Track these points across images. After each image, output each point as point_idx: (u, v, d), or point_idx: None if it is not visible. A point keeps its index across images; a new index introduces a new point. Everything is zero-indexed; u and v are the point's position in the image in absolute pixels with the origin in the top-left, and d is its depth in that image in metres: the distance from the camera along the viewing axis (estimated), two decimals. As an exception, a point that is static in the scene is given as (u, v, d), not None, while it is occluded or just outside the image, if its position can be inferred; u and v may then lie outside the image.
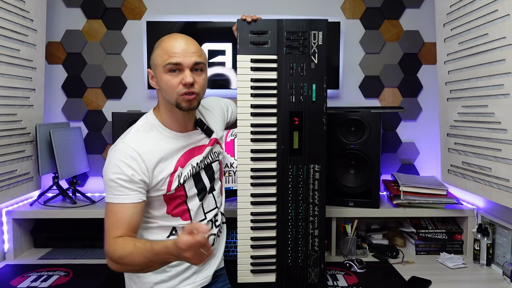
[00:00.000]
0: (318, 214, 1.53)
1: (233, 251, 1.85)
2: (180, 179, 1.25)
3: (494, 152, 1.61)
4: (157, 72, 1.23)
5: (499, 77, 1.56)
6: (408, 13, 2.31)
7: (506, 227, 1.74)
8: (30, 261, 1.85)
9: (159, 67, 1.21)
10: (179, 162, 1.25)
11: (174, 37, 1.24)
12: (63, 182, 2.10)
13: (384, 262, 1.86)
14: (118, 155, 1.19)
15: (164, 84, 1.21)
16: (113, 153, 1.20)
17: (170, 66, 1.19)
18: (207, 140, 1.36)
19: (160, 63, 1.21)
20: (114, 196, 1.18)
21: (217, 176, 1.40)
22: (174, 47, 1.20)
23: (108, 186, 1.18)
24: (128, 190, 1.17)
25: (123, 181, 1.17)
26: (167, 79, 1.20)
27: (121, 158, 1.18)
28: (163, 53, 1.20)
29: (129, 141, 1.21)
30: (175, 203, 1.26)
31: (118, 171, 1.17)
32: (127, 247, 1.12)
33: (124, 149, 1.19)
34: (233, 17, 1.61)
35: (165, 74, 1.20)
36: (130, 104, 2.27)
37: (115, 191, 1.17)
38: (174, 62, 1.19)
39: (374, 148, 1.93)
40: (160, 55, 1.21)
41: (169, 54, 1.19)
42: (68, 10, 2.24)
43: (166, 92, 1.22)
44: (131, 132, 1.25)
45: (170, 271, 1.28)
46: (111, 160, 1.19)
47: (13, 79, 1.82)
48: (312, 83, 1.49)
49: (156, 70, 1.23)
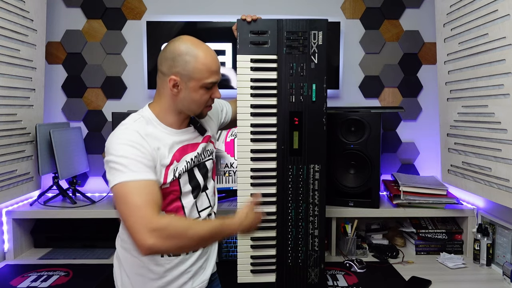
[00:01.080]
0: (318, 214, 1.53)
1: (233, 251, 1.85)
2: (175, 173, 1.24)
3: (494, 152, 1.61)
4: (190, 85, 1.19)
5: (499, 77, 1.56)
6: (408, 13, 2.31)
7: (506, 227, 1.74)
8: (30, 261, 1.85)
9: (197, 82, 1.19)
10: (174, 156, 1.24)
11: (208, 50, 1.21)
12: (63, 182, 2.10)
13: (384, 262, 1.86)
14: (125, 136, 1.14)
15: (197, 98, 1.21)
16: (118, 137, 1.15)
17: (211, 84, 1.21)
18: (200, 138, 1.35)
19: (200, 78, 1.18)
20: (133, 173, 1.09)
21: (210, 175, 1.39)
22: (214, 64, 1.20)
23: (121, 165, 1.09)
24: (145, 166, 1.12)
25: (139, 157, 1.11)
26: (201, 94, 1.21)
27: (130, 138, 1.14)
28: (205, 70, 1.18)
29: (130, 126, 1.18)
30: (169, 199, 1.25)
31: (130, 149, 1.11)
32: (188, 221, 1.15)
33: (128, 132, 1.16)
34: (233, 17, 1.61)
35: (201, 89, 1.20)
36: (130, 104, 2.27)
37: (133, 168, 1.09)
38: (214, 81, 1.21)
39: (374, 148, 1.93)
40: (201, 70, 1.18)
41: (211, 72, 1.19)
42: (68, 10, 2.24)
43: (194, 103, 1.22)
44: (127, 122, 1.22)
45: (168, 276, 1.27)
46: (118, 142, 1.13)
47: (13, 79, 1.82)
48: (312, 83, 1.49)
49: (189, 82, 1.19)
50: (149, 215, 1.05)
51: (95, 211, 1.92)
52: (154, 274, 1.24)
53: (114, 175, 1.10)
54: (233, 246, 1.86)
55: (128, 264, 1.26)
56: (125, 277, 1.27)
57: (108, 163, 1.13)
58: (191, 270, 1.30)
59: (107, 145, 1.16)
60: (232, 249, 1.86)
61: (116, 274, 1.31)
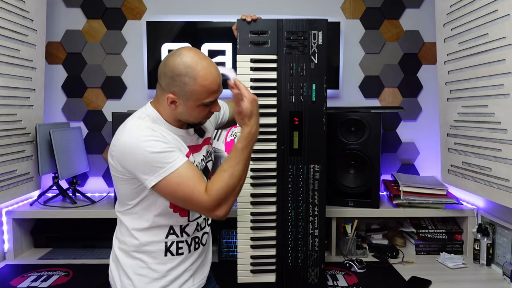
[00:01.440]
0: (318, 214, 1.53)
1: (233, 251, 1.85)
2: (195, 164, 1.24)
3: (494, 152, 1.61)
4: (188, 104, 1.18)
5: (499, 77, 1.56)
6: (408, 13, 2.31)
7: (506, 227, 1.74)
8: (30, 261, 1.85)
9: (194, 101, 1.17)
10: (190, 149, 1.26)
11: (209, 69, 1.16)
12: (63, 182, 2.10)
13: (384, 262, 1.86)
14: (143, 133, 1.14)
15: (195, 114, 1.21)
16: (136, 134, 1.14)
17: (210, 103, 1.20)
18: (200, 140, 1.36)
19: (199, 99, 1.17)
20: (171, 165, 1.12)
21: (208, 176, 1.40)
22: (213, 84, 1.17)
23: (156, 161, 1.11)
24: (176, 153, 1.14)
25: (167, 147, 1.13)
26: (200, 111, 1.20)
27: (149, 134, 1.14)
28: (203, 91, 1.16)
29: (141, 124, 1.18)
30: None
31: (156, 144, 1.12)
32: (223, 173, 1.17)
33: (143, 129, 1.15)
34: (233, 17, 1.61)
35: (199, 107, 1.19)
36: (130, 104, 2.27)
37: (168, 160, 1.12)
38: (214, 100, 1.20)
39: (374, 148, 1.93)
40: (200, 92, 1.16)
41: (210, 93, 1.17)
42: (68, 10, 2.24)
43: (191, 117, 1.22)
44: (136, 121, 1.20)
45: (170, 275, 1.27)
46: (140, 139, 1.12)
47: (13, 79, 1.82)
48: (312, 83, 1.49)
49: (188, 102, 1.18)
50: (202, 198, 1.13)
51: (95, 211, 1.92)
52: (157, 273, 1.25)
53: (152, 173, 1.12)
54: (233, 246, 1.86)
55: (128, 266, 1.26)
56: (125, 279, 1.26)
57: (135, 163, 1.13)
58: (192, 268, 1.31)
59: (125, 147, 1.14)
60: (232, 249, 1.86)
61: (115, 276, 1.29)
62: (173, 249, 1.26)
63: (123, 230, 1.27)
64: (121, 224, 1.28)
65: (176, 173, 1.13)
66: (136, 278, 1.24)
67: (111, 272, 1.32)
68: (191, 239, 1.30)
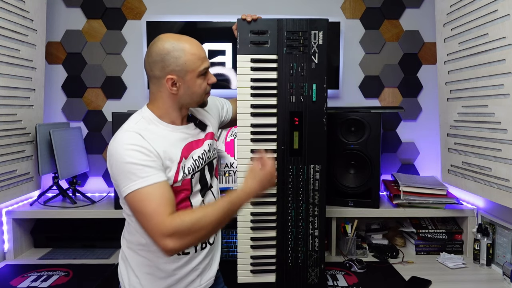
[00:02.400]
0: (318, 214, 1.53)
1: (233, 251, 1.85)
2: (184, 170, 1.24)
3: (494, 152, 1.61)
4: (187, 78, 1.20)
5: (499, 77, 1.56)
6: (408, 13, 2.31)
7: (506, 227, 1.74)
8: (30, 261, 1.85)
9: (192, 73, 1.21)
10: (183, 153, 1.25)
11: (191, 40, 1.24)
12: (63, 182, 2.10)
13: (384, 262, 1.86)
14: (127, 140, 1.14)
15: (197, 88, 1.23)
16: (120, 142, 1.15)
17: (205, 70, 1.23)
18: (202, 134, 1.35)
19: (194, 68, 1.20)
20: (143, 180, 1.11)
21: (213, 173, 1.40)
22: (201, 51, 1.22)
23: (130, 172, 1.11)
24: (154, 170, 1.13)
25: (146, 161, 1.13)
26: (200, 83, 1.23)
27: (132, 142, 1.14)
28: (196, 59, 1.20)
29: (131, 129, 1.19)
30: (179, 197, 1.26)
31: (136, 155, 1.12)
32: (198, 211, 1.15)
33: (130, 135, 1.16)
34: (233, 17, 1.61)
35: (199, 78, 1.22)
36: (130, 104, 2.27)
37: (142, 174, 1.11)
38: (207, 66, 1.23)
39: (374, 148, 1.93)
40: (193, 60, 1.20)
41: (201, 59, 1.22)
42: (68, 10, 2.24)
43: (197, 94, 1.24)
44: (128, 124, 1.22)
45: (177, 274, 1.27)
46: (121, 148, 1.13)
47: (13, 79, 1.82)
48: (312, 83, 1.49)
49: (186, 76, 1.20)
50: (162, 220, 1.09)
51: (95, 211, 1.92)
52: (164, 272, 1.25)
53: (124, 184, 1.12)
54: (233, 246, 1.86)
55: (136, 264, 1.26)
56: (133, 276, 1.27)
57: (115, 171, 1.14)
58: (199, 267, 1.31)
59: (111, 151, 1.15)
60: (232, 249, 1.86)
61: (123, 274, 1.31)
62: None
63: (130, 229, 1.27)
64: (128, 224, 1.29)
65: (145, 190, 1.11)
66: (143, 276, 1.26)
67: (119, 270, 1.33)
68: None
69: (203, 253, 1.32)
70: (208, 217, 1.13)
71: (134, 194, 1.11)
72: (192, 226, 1.10)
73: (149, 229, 1.11)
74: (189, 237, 1.11)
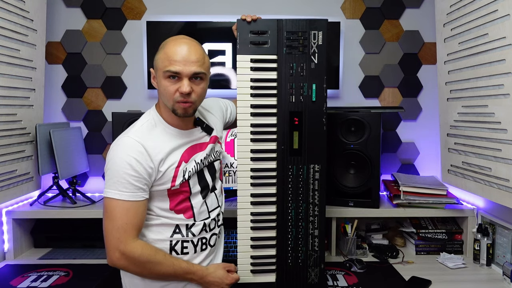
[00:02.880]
0: (318, 214, 1.53)
1: (233, 251, 1.85)
2: (184, 175, 1.25)
3: (494, 152, 1.61)
4: (158, 75, 1.24)
5: (499, 77, 1.56)
6: (408, 13, 2.31)
7: (506, 227, 1.74)
8: (30, 261, 1.85)
9: (159, 71, 1.22)
10: (183, 157, 1.26)
11: (178, 42, 1.22)
12: (63, 182, 2.10)
13: (384, 262, 1.86)
14: (126, 149, 1.18)
15: (162, 89, 1.23)
16: (120, 147, 1.19)
17: (169, 73, 1.20)
18: (207, 137, 1.37)
19: (161, 67, 1.21)
20: (122, 193, 1.16)
21: (217, 175, 1.41)
22: (175, 54, 1.19)
23: (113, 181, 1.17)
24: (135, 188, 1.18)
25: (132, 177, 1.17)
26: (166, 85, 1.21)
27: (129, 153, 1.17)
28: (165, 58, 1.20)
29: (134, 135, 1.21)
30: (179, 198, 1.27)
31: (127, 167, 1.16)
32: (158, 256, 1.19)
33: (131, 143, 1.19)
34: (233, 17, 1.61)
35: (164, 79, 1.21)
36: (130, 104, 2.27)
37: (122, 188, 1.16)
38: (173, 70, 1.19)
39: (374, 148, 1.93)
40: (162, 59, 1.21)
41: (170, 60, 1.19)
42: (68, 10, 2.24)
43: (164, 96, 1.24)
44: (135, 127, 1.26)
45: None
46: (118, 155, 1.18)
47: (13, 79, 1.82)
48: (312, 83, 1.49)
49: (157, 73, 1.24)
50: (125, 239, 1.16)
51: (95, 211, 1.92)
52: None
53: (107, 185, 1.18)
54: (233, 246, 1.86)
55: None
56: None
57: (106, 168, 1.20)
58: None
59: (111, 150, 1.20)
60: (232, 249, 1.86)
61: (123, 272, 1.32)
62: (177, 248, 1.27)
63: None
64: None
65: (121, 203, 1.16)
66: None
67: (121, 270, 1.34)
68: (198, 239, 1.31)
69: (203, 254, 1.34)
70: (162, 267, 1.20)
71: (111, 200, 1.17)
72: (146, 263, 1.17)
73: (110, 237, 1.17)
74: (135, 268, 1.19)
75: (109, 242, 1.17)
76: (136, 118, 1.35)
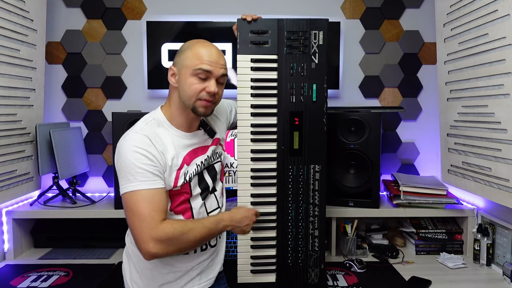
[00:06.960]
0: (318, 214, 1.53)
1: (233, 251, 1.85)
2: (186, 177, 1.26)
3: (494, 152, 1.61)
4: (182, 72, 1.24)
5: (499, 77, 1.56)
6: (408, 13, 2.31)
7: (506, 227, 1.74)
8: (30, 261, 1.85)
9: (187, 69, 1.23)
10: (185, 159, 1.27)
11: (206, 44, 1.26)
12: (63, 182, 2.10)
13: (384, 262, 1.86)
14: (135, 143, 1.18)
15: (187, 86, 1.23)
16: (129, 142, 1.18)
17: (200, 71, 1.22)
18: (210, 140, 1.37)
19: (190, 65, 1.22)
20: (142, 183, 1.15)
21: (218, 177, 1.41)
22: (207, 55, 1.23)
23: (131, 174, 1.15)
24: (154, 176, 1.17)
25: (148, 166, 1.16)
26: (192, 82, 1.23)
27: (140, 146, 1.17)
28: (196, 58, 1.22)
29: (140, 131, 1.22)
30: (179, 200, 1.27)
31: (141, 157, 1.16)
32: (188, 224, 1.19)
33: (139, 138, 1.19)
34: (233, 17, 1.61)
35: (192, 77, 1.23)
36: (130, 104, 2.27)
37: (142, 178, 1.15)
38: (205, 69, 1.22)
39: (374, 148, 1.93)
40: (192, 58, 1.23)
41: (202, 60, 1.22)
42: (68, 10, 2.24)
43: (187, 93, 1.24)
44: (139, 125, 1.26)
45: (177, 272, 1.29)
46: (129, 149, 1.17)
47: (13, 79, 1.82)
48: (312, 83, 1.49)
49: (182, 70, 1.24)
50: (154, 225, 1.13)
51: (95, 211, 1.92)
52: (164, 269, 1.28)
53: (123, 183, 1.17)
54: (233, 246, 1.86)
55: (137, 260, 1.29)
56: (134, 272, 1.31)
57: (118, 168, 1.18)
58: (199, 267, 1.33)
59: (119, 148, 1.20)
60: (232, 249, 1.86)
61: (125, 269, 1.35)
62: None
63: None
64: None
65: (142, 193, 1.15)
66: (143, 272, 1.29)
67: (123, 265, 1.37)
68: None
69: (203, 254, 1.34)
70: (195, 231, 1.19)
71: (132, 194, 1.15)
72: (180, 236, 1.15)
73: (139, 230, 1.13)
74: (174, 246, 1.16)
75: (139, 237, 1.13)
76: (136, 118, 1.35)
